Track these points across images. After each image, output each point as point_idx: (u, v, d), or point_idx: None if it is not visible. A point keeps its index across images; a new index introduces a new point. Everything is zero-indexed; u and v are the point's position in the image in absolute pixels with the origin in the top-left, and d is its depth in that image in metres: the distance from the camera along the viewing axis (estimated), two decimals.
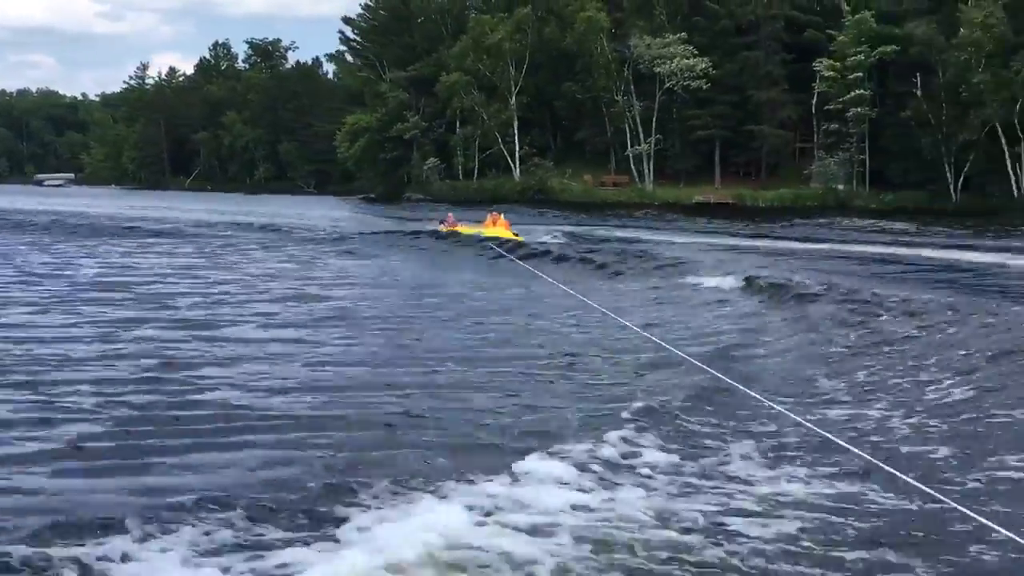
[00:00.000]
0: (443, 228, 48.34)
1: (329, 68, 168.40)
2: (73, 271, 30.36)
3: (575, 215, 75.05)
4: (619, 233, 56.39)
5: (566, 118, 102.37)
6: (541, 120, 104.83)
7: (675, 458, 10.55)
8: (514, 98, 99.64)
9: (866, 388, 14.49)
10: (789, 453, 10.92)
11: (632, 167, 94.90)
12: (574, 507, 8.93)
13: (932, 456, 10.71)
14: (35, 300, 22.79)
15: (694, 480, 9.86)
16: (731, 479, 9.96)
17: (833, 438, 10.45)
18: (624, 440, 10.98)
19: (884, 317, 20.17)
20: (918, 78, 78.44)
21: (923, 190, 79.42)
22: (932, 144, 77.76)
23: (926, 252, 42.97)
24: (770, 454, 10.87)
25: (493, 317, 22.15)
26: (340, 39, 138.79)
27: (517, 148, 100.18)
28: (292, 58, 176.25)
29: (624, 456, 10.50)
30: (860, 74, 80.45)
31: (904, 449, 11.04)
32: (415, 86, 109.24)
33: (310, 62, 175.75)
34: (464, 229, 47.40)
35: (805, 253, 43.36)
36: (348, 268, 34.43)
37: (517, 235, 45.99)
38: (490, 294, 27.01)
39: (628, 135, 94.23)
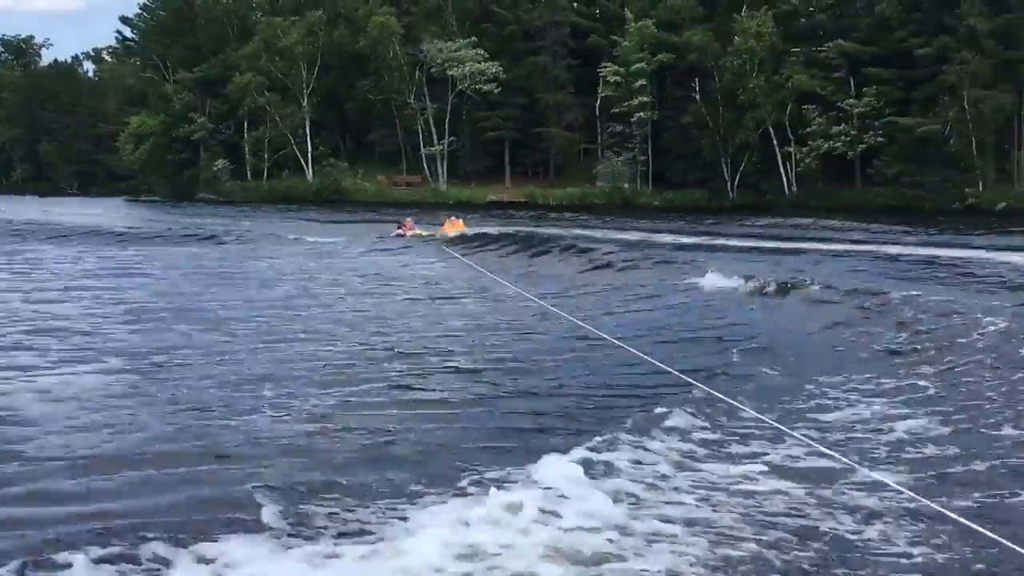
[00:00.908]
0: (401, 232, 47.48)
1: (89, 67, 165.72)
2: None
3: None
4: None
5: (357, 120, 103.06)
6: (331, 122, 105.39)
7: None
8: (306, 99, 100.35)
9: None
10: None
11: (425, 167, 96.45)
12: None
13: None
14: None
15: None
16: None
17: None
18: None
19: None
20: (697, 83, 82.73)
21: (703, 188, 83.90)
22: (711, 145, 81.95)
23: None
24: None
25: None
26: (117, 39, 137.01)
27: (310, 149, 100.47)
28: (47, 56, 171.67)
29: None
30: (643, 80, 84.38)
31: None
32: (201, 87, 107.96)
33: (69, 60, 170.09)
34: (423, 233, 47.05)
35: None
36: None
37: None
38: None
39: (421, 136, 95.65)
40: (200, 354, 17.08)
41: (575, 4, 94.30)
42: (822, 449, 10.49)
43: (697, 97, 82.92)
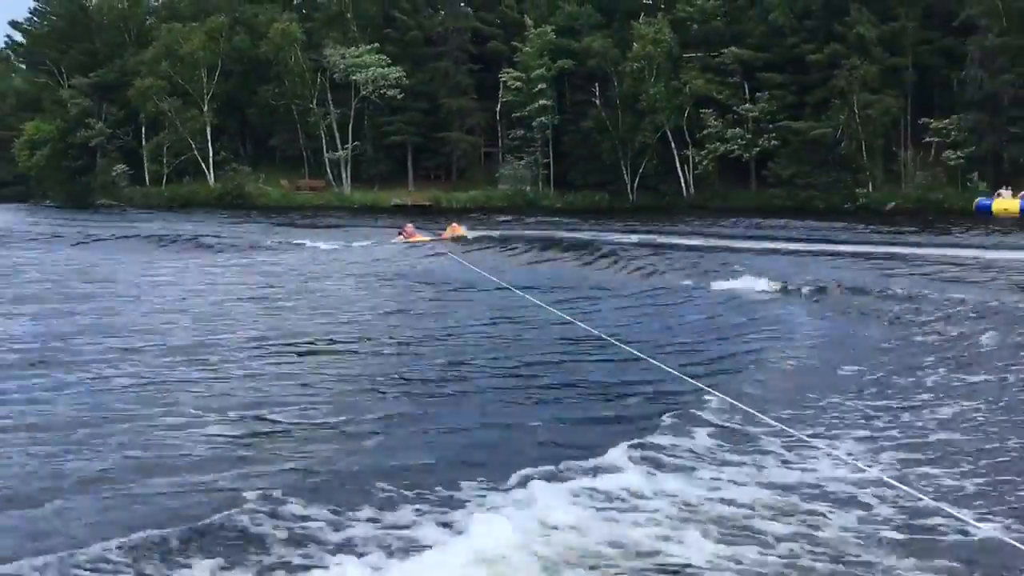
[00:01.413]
0: (401, 239, 46.57)
1: None
2: None
3: (276, 217, 76.97)
4: None
5: (259, 124, 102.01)
6: (232, 127, 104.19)
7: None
8: (207, 104, 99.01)
9: None
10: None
11: (328, 172, 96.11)
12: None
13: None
14: None
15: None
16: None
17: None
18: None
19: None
20: (597, 88, 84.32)
21: (603, 191, 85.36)
22: (611, 149, 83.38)
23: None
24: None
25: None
26: (7, 44, 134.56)
27: (211, 154, 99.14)
28: None
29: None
30: (543, 85, 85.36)
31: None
32: (98, 93, 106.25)
33: None
34: (423, 238, 46.08)
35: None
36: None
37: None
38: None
39: (324, 141, 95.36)
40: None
41: (476, 11, 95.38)
42: (849, 461, 10.45)
43: (597, 102, 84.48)
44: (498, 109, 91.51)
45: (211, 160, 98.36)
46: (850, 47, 74.88)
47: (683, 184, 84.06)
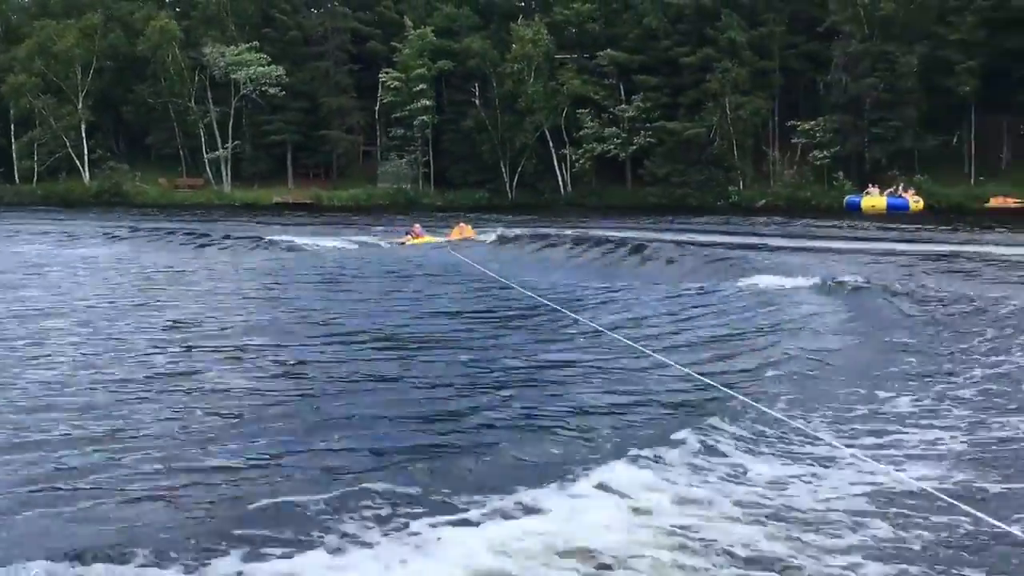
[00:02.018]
0: (409, 239, 44.36)
1: None
2: None
3: (156, 215, 75.64)
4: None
5: (134, 122, 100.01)
6: (107, 124, 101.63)
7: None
8: (81, 102, 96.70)
9: None
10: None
11: (208, 170, 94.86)
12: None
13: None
14: None
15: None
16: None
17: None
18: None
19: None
20: (477, 88, 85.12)
21: (483, 189, 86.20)
22: (491, 148, 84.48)
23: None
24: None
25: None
26: None
27: (87, 152, 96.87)
28: None
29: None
30: (423, 84, 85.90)
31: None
32: None
33: None
34: (431, 239, 44.10)
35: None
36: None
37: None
38: None
39: (203, 139, 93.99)
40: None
41: (354, 11, 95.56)
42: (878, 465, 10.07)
43: (477, 102, 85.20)
44: (377, 108, 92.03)
45: (86, 158, 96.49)
46: (721, 51, 76.98)
47: (561, 183, 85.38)
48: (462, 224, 47.63)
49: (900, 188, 66.78)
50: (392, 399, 13.40)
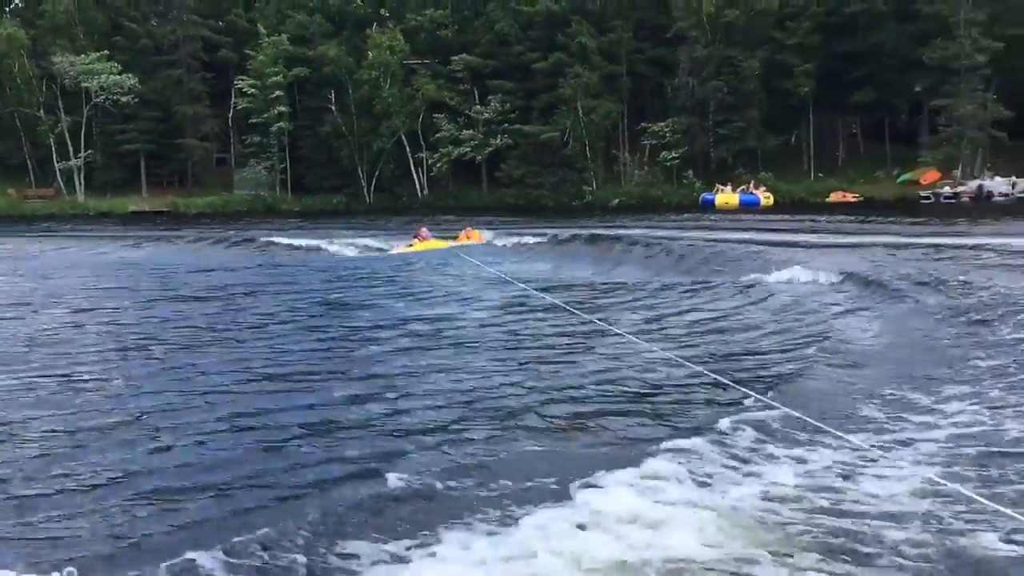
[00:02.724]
0: (417, 244, 42.52)
1: None
2: None
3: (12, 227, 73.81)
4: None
5: None
6: None
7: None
8: None
9: None
10: None
11: (59, 180, 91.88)
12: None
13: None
14: None
15: None
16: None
17: None
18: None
19: None
20: (333, 94, 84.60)
21: (340, 194, 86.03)
22: (348, 153, 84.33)
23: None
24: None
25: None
26: None
27: None
28: None
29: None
30: (279, 92, 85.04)
31: None
32: None
33: None
34: (439, 243, 42.45)
35: None
36: None
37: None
38: None
39: (54, 149, 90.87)
40: None
41: (204, 19, 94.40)
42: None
43: (333, 108, 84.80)
44: (231, 115, 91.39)
45: None
46: (573, 56, 78.65)
47: (418, 186, 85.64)
48: (469, 228, 46.70)
49: (751, 185, 70.10)
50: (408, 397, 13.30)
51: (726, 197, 68.02)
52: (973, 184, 67.51)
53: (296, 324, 20.54)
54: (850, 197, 69.44)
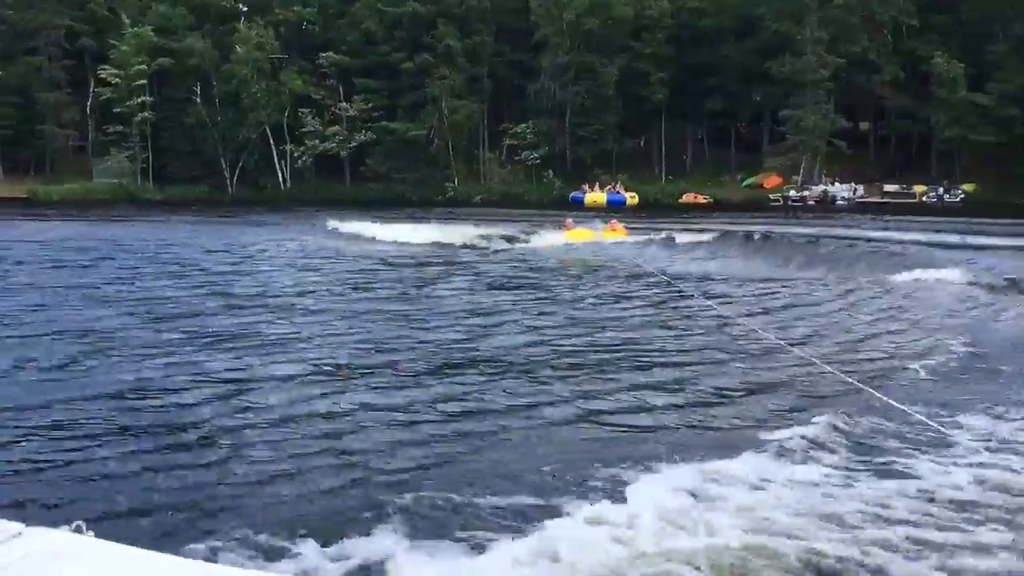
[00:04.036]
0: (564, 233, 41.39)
1: None
2: None
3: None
4: None
5: None
6: None
7: None
8: None
9: None
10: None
11: None
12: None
13: None
14: None
15: None
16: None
17: None
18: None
19: None
20: (199, 86, 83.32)
21: (203, 184, 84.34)
22: (212, 144, 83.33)
23: None
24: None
25: None
26: None
27: None
28: None
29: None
30: (143, 81, 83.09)
31: None
32: None
33: None
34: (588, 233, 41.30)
35: None
36: None
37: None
38: None
39: None
40: None
41: (66, 8, 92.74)
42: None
43: (198, 99, 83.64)
44: (90, 104, 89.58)
45: None
46: (438, 57, 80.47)
47: (281, 178, 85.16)
48: (614, 222, 44.29)
49: (617, 186, 72.99)
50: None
51: (595, 196, 70.42)
52: (818, 189, 71.75)
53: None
54: (701, 199, 72.52)
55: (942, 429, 10.56)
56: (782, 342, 16.03)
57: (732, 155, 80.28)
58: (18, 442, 10.35)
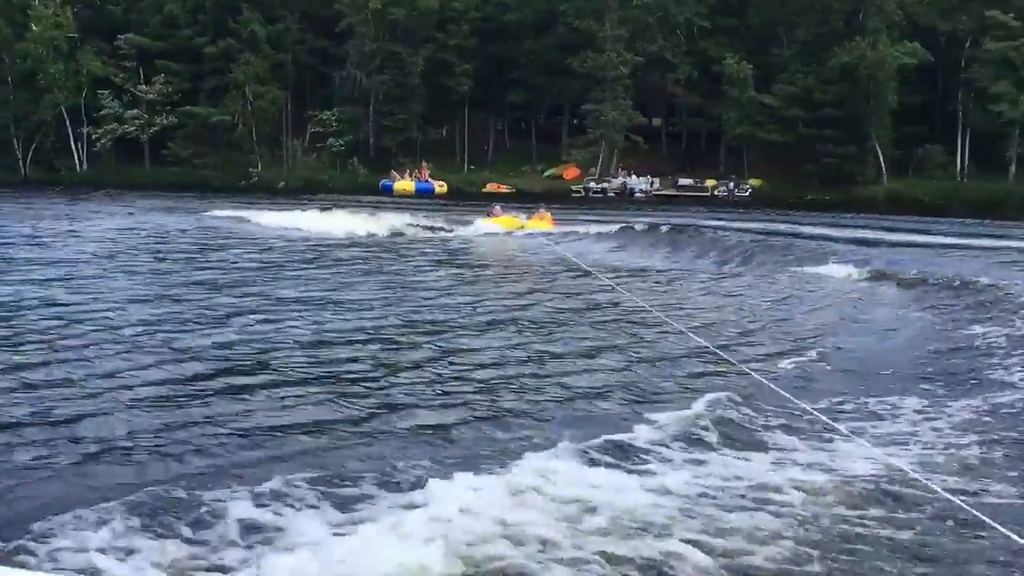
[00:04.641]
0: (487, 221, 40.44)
1: None
2: None
3: None
4: None
5: None
6: None
7: None
8: None
9: None
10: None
11: None
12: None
13: None
14: None
15: None
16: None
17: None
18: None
19: None
20: None
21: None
22: (4, 125, 79.57)
23: None
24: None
25: None
26: None
27: None
28: None
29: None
30: None
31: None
32: None
33: None
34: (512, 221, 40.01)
35: None
36: None
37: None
38: None
39: None
40: None
41: None
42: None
43: None
44: None
45: None
46: (243, 43, 78.20)
47: (78, 160, 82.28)
48: (542, 211, 43.69)
49: (426, 174, 73.96)
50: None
51: (403, 184, 71.23)
52: (617, 181, 74.29)
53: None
54: (504, 188, 73.70)
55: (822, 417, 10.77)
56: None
57: (533, 146, 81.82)
58: None
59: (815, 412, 10.75)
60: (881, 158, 70.87)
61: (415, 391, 12.72)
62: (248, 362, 14.42)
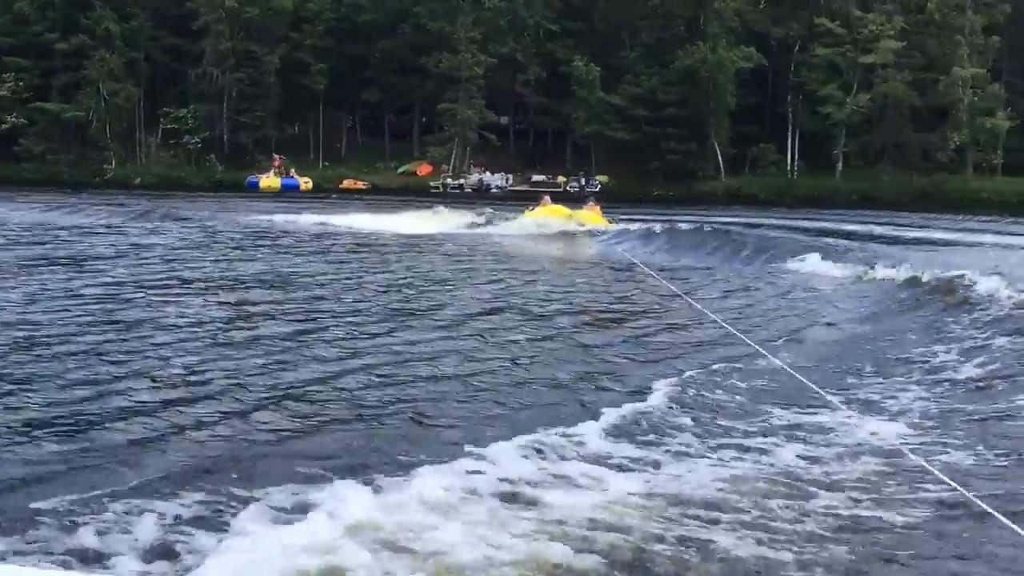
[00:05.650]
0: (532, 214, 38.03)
1: None
2: None
3: None
4: None
5: None
6: None
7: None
8: None
9: None
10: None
11: None
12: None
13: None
14: None
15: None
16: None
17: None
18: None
19: None
20: None
21: None
22: None
23: None
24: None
25: None
26: None
27: None
28: None
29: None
30: None
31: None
32: None
33: None
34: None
35: None
36: None
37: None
38: None
39: None
40: None
41: None
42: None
43: None
44: None
45: None
46: (97, 39, 77.52)
47: None
48: (592, 204, 41.87)
49: (291, 171, 74.58)
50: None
51: (269, 181, 71.88)
52: (474, 177, 75.99)
53: None
54: (360, 184, 74.92)
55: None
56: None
57: (386, 143, 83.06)
58: None
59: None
60: (719, 156, 73.99)
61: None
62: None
